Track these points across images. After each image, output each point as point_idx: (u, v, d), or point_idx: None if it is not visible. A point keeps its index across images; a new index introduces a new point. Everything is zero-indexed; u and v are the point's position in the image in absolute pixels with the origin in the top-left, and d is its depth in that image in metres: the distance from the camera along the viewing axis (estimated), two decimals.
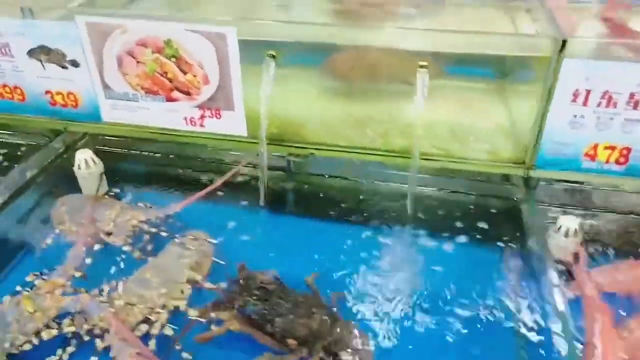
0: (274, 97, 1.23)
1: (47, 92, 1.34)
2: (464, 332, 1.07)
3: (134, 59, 1.24)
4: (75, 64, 1.28)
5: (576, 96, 1.07)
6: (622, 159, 1.13)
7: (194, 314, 1.09)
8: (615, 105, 1.07)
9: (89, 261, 1.17)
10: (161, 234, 1.25)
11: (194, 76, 1.24)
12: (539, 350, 1.02)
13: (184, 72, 1.24)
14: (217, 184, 1.31)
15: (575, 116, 1.10)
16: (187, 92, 1.26)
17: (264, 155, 1.25)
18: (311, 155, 1.32)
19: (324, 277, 1.18)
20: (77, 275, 1.12)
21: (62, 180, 1.41)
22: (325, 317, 1.05)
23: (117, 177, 1.45)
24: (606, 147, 1.12)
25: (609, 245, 1.21)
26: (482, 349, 1.04)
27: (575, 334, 0.97)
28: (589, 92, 1.06)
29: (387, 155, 1.29)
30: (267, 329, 1.05)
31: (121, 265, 1.21)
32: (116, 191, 1.43)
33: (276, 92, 1.23)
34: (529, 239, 1.18)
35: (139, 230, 1.25)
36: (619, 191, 1.32)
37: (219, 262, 1.22)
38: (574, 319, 1.01)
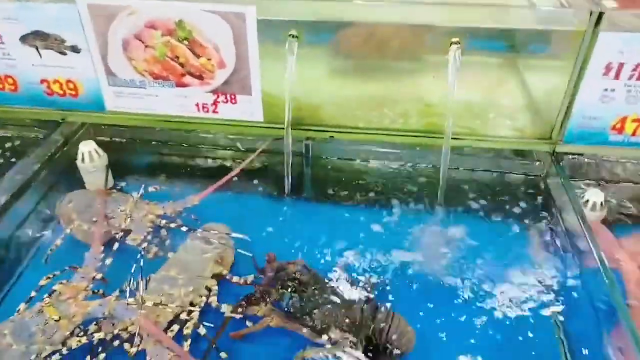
0: (285, 80, 1.17)
1: (43, 81, 1.24)
2: (502, 311, 1.06)
3: (142, 42, 1.15)
4: (75, 50, 1.18)
5: (609, 70, 1.06)
6: None
7: (227, 311, 1.04)
8: None
9: (108, 262, 1.09)
10: (181, 229, 1.18)
11: (208, 59, 1.16)
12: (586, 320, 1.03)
13: (197, 56, 1.16)
14: (234, 172, 1.24)
15: (606, 90, 1.09)
16: (199, 77, 1.19)
17: (289, 140, 1.19)
18: (331, 138, 1.27)
19: (354, 263, 1.15)
20: (98, 277, 1.05)
21: (63, 175, 1.32)
22: (365, 305, 1.03)
23: (122, 170, 1.37)
24: (634, 120, 1.12)
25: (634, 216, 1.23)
26: (524, 326, 1.03)
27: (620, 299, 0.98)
28: (621, 65, 1.05)
29: (409, 135, 1.26)
30: (306, 321, 1.02)
31: (140, 263, 1.13)
32: (122, 184, 1.34)
33: (285, 74, 1.17)
34: (558, 213, 1.18)
35: (155, 225, 1.18)
36: None
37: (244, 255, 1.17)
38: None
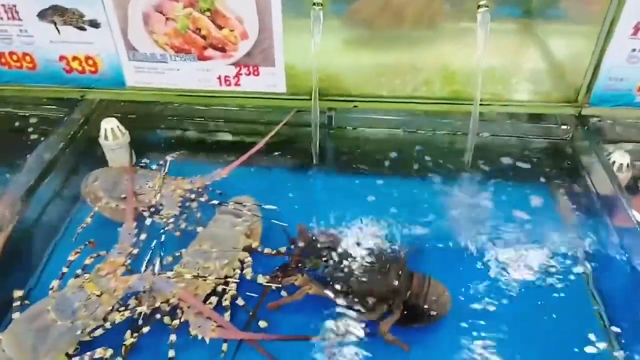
0: (308, 50, 1.16)
1: (62, 57, 1.22)
2: (532, 273, 1.08)
3: (163, 15, 1.13)
4: (94, 25, 1.16)
5: (637, 29, 1.06)
6: None
7: (263, 281, 1.05)
8: None
9: (142, 237, 1.09)
10: (210, 203, 1.18)
11: (231, 31, 1.15)
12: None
13: (220, 27, 1.15)
14: (260, 144, 1.22)
15: (634, 50, 1.09)
16: (222, 49, 1.18)
17: (316, 111, 1.18)
18: (355, 107, 1.27)
19: (384, 231, 1.16)
20: (135, 252, 1.05)
21: (85, 154, 1.31)
22: (400, 272, 1.04)
23: (143, 147, 1.36)
24: None
25: None
26: (557, 287, 1.05)
27: None
28: None
29: (433, 103, 1.26)
30: (342, 289, 1.03)
31: (172, 238, 1.14)
32: (145, 161, 1.34)
33: (309, 44, 1.16)
34: (587, 175, 1.20)
35: (185, 200, 1.18)
36: None
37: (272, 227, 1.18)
38: None
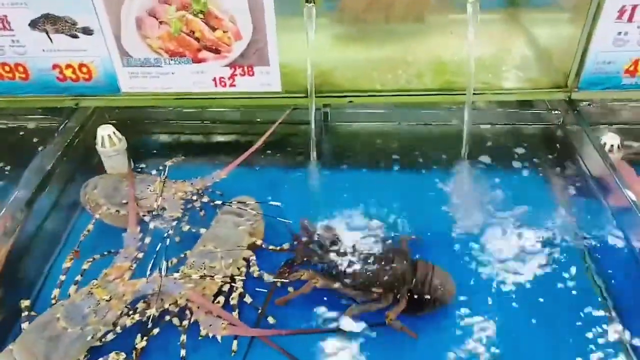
0: (301, 48, 1.17)
1: (55, 66, 1.22)
2: (532, 257, 1.10)
3: (156, 19, 1.14)
4: (87, 32, 1.16)
5: (622, 13, 1.09)
6: None
7: (270, 279, 1.06)
8: None
9: (147, 240, 1.09)
10: (212, 204, 1.19)
11: (224, 32, 1.16)
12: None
13: (213, 29, 1.15)
14: (258, 144, 1.23)
15: (619, 33, 1.12)
16: (216, 51, 1.19)
17: (312, 108, 1.20)
18: (350, 103, 1.28)
19: (385, 223, 1.17)
20: (140, 256, 1.05)
21: (82, 162, 1.31)
22: (405, 261, 1.06)
23: (139, 153, 1.36)
24: None
25: None
26: (554, 268, 1.08)
27: None
28: (634, 8, 1.08)
29: (426, 94, 1.28)
30: (349, 281, 1.05)
31: (175, 240, 1.15)
32: (142, 166, 1.34)
33: (302, 42, 1.17)
34: (579, 157, 1.22)
35: (187, 202, 1.18)
36: None
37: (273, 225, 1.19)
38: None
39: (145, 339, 0.97)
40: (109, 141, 1.26)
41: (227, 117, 1.46)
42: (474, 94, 1.23)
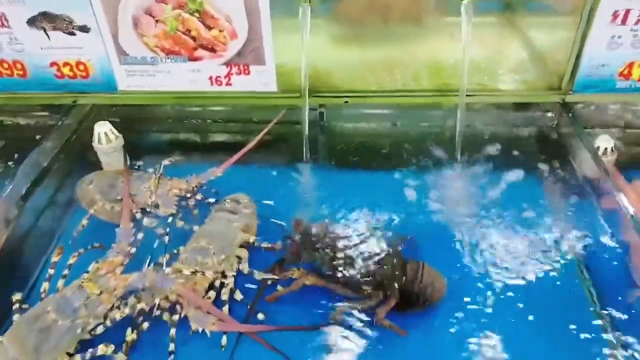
0: (298, 48, 1.18)
1: (53, 64, 1.23)
2: (524, 257, 1.10)
3: (153, 17, 1.15)
4: (84, 30, 1.17)
5: (615, 16, 1.09)
6: None
7: (260, 276, 1.06)
8: None
9: (140, 236, 1.10)
10: (205, 202, 1.20)
11: (220, 31, 1.17)
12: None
13: (209, 28, 1.16)
14: (253, 142, 1.24)
15: (613, 37, 1.12)
16: (212, 50, 1.20)
17: (306, 108, 1.20)
18: (345, 103, 1.29)
19: (378, 222, 1.18)
20: (132, 251, 1.06)
21: (79, 159, 1.32)
22: (396, 259, 1.06)
23: (136, 150, 1.37)
24: None
25: None
26: (546, 268, 1.08)
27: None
28: (628, 12, 1.08)
29: (421, 96, 1.28)
30: (338, 279, 1.05)
31: (169, 237, 1.15)
32: (139, 164, 1.35)
33: (298, 42, 1.18)
34: (573, 160, 1.22)
35: (181, 199, 1.19)
36: None
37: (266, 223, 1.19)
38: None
39: (135, 332, 0.97)
40: (105, 138, 1.27)
41: (225, 116, 1.47)
42: (469, 95, 1.23)
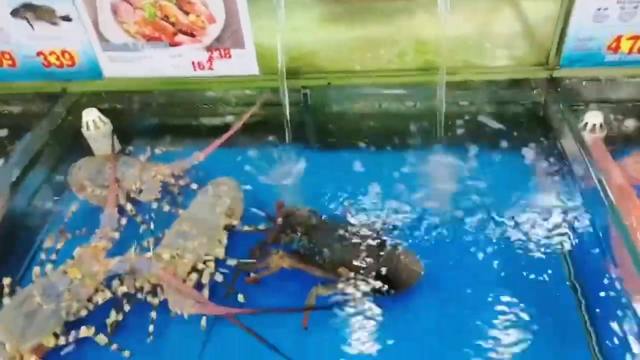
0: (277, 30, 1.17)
1: (39, 53, 1.26)
2: (506, 236, 1.09)
3: (131, 5, 1.16)
4: (67, 19, 1.19)
5: None
6: None
7: (234, 263, 1.08)
8: None
9: (123, 221, 1.13)
10: (190, 186, 1.22)
11: (198, 16, 1.17)
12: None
13: (187, 13, 1.16)
14: (236, 126, 1.25)
15: (599, 9, 1.08)
16: (191, 34, 1.20)
17: (285, 89, 1.20)
18: (329, 85, 1.28)
19: (360, 205, 1.18)
20: (116, 236, 1.10)
21: (69, 145, 1.35)
22: (371, 241, 1.06)
23: (127, 136, 1.39)
24: (629, 38, 1.12)
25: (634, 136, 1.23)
26: (528, 248, 1.07)
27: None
28: None
29: (405, 75, 1.27)
30: (317, 261, 1.06)
31: (154, 221, 1.18)
32: (130, 149, 1.37)
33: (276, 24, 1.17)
34: (559, 138, 1.20)
35: (165, 184, 1.22)
36: None
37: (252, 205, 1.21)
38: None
39: (119, 314, 1.01)
40: (93, 125, 1.29)
41: (212, 100, 1.46)
42: (454, 73, 1.21)
